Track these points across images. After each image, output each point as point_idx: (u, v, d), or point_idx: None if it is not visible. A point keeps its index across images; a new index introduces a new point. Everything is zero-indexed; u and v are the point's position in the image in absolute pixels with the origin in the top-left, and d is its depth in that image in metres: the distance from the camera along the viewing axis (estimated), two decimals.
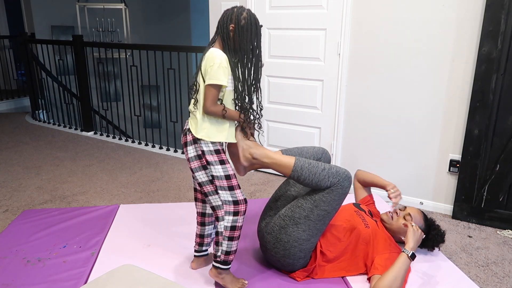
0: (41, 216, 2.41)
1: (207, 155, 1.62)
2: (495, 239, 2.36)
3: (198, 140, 1.61)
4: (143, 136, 4.32)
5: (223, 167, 1.64)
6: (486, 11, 2.29)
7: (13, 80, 6.75)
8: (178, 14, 6.42)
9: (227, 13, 1.61)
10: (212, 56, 1.57)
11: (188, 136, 1.65)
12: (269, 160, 1.74)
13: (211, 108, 1.58)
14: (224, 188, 1.64)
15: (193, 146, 1.64)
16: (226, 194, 1.65)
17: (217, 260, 1.70)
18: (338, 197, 1.71)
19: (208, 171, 1.64)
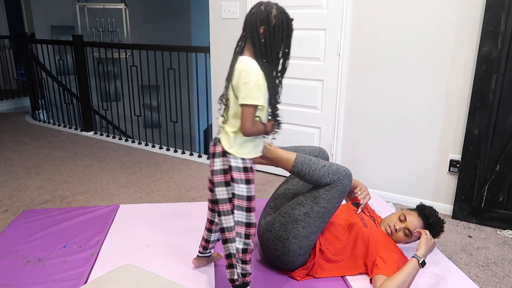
0: (41, 216, 2.41)
1: (234, 171, 1.50)
2: (495, 239, 2.36)
3: (228, 153, 1.49)
4: (143, 136, 4.32)
5: (247, 187, 1.53)
6: (486, 11, 2.29)
7: (13, 80, 6.75)
8: (178, 14, 6.42)
9: (254, 13, 1.41)
10: (246, 70, 1.40)
11: (218, 147, 1.52)
12: (271, 155, 1.74)
13: (252, 130, 1.43)
14: (242, 209, 1.54)
15: (221, 159, 1.52)
16: (242, 215, 1.54)
17: (236, 285, 1.59)
18: (338, 195, 1.71)
19: (230, 188, 1.53)
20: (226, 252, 1.59)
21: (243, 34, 1.46)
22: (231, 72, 1.47)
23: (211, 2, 3.24)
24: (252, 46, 1.43)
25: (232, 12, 3.15)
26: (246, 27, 1.44)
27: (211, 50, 3.36)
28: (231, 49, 3.17)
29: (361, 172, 2.90)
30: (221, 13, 3.21)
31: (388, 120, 2.77)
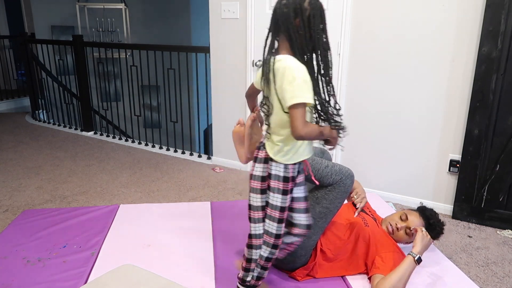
0: (41, 216, 2.41)
1: (272, 179, 1.43)
2: (495, 239, 2.35)
3: (271, 160, 1.42)
4: (143, 136, 4.32)
5: (283, 197, 1.44)
6: (486, 11, 2.29)
7: (13, 80, 6.74)
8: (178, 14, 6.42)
9: (285, 4, 1.29)
10: (290, 68, 1.29)
11: (261, 153, 1.46)
12: None
13: (304, 131, 1.28)
14: (274, 219, 1.47)
15: (262, 165, 1.45)
16: (272, 225, 1.48)
17: (246, 285, 1.58)
18: (340, 195, 1.72)
19: (264, 196, 1.47)
20: (248, 256, 1.55)
21: (274, 29, 1.34)
22: (268, 75, 1.34)
23: (211, 2, 3.24)
24: (288, 41, 1.31)
25: (232, 12, 3.15)
26: (278, 20, 1.31)
27: (211, 50, 3.36)
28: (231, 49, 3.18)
29: (361, 172, 2.90)
30: (221, 13, 3.21)
31: (388, 120, 2.77)
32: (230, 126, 3.42)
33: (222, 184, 3.13)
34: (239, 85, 3.29)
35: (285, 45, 1.33)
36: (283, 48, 1.33)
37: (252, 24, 3.10)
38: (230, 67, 3.30)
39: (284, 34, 1.31)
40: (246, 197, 2.86)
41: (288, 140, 1.38)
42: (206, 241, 2.15)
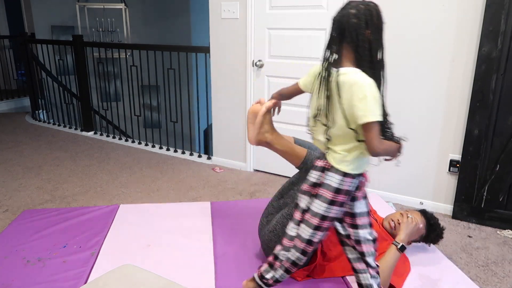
0: (41, 216, 2.41)
1: (323, 188, 1.40)
2: (495, 239, 2.36)
3: (327, 171, 1.39)
4: (143, 136, 4.32)
5: (328, 207, 1.39)
6: (486, 11, 2.29)
7: (13, 80, 6.75)
8: (178, 14, 6.42)
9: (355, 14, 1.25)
10: (359, 84, 1.24)
11: (320, 162, 1.43)
12: (282, 147, 1.74)
13: (381, 148, 1.29)
14: (310, 225, 1.44)
15: (318, 173, 1.43)
16: (307, 231, 1.45)
17: (264, 282, 1.56)
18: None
19: (309, 202, 1.45)
20: (276, 253, 1.54)
21: (339, 40, 1.29)
22: (330, 87, 1.30)
23: (211, 2, 3.24)
24: (354, 52, 1.27)
25: (232, 12, 3.15)
26: (345, 31, 1.26)
27: (211, 50, 3.36)
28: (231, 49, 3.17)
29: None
30: (221, 13, 3.21)
31: None
32: (230, 126, 3.43)
33: (222, 184, 3.13)
34: (239, 85, 3.29)
35: (349, 57, 1.29)
36: (346, 59, 1.29)
37: (252, 24, 3.11)
38: (230, 67, 3.30)
39: (350, 45, 1.27)
40: (246, 197, 2.87)
41: (353, 150, 1.35)
42: (206, 241, 2.15)
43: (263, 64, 3.15)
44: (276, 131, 1.77)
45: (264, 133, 1.72)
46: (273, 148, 1.76)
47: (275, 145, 1.73)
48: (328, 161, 1.39)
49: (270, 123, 1.74)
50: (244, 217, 2.44)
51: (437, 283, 1.83)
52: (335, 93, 1.29)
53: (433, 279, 1.86)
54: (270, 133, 1.73)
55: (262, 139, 1.73)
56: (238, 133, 3.41)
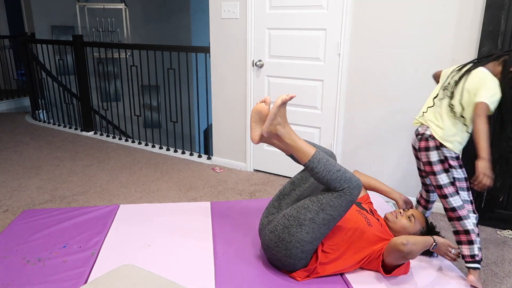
0: (41, 216, 2.41)
1: (451, 160, 1.85)
2: (495, 239, 2.35)
3: (442, 147, 1.84)
4: (143, 136, 4.32)
5: (462, 171, 1.86)
6: (486, 11, 2.29)
7: (13, 80, 6.75)
8: (178, 14, 6.42)
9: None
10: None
11: (431, 142, 1.86)
12: (291, 142, 1.74)
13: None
14: (464, 189, 1.85)
15: (436, 152, 1.85)
16: (465, 194, 1.85)
17: (476, 260, 1.78)
18: (346, 204, 1.70)
19: (450, 174, 1.84)
20: (464, 228, 1.82)
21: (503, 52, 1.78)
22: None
23: (211, 2, 3.24)
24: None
25: (232, 12, 3.15)
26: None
27: (211, 50, 3.36)
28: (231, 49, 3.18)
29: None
30: (221, 13, 3.21)
31: (388, 120, 2.77)
32: (230, 126, 3.43)
33: (222, 184, 3.13)
34: (239, 85, 3.29)
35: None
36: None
37: (252, 24, 3.11)
38: (230, 67, 3.30)
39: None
40: (246, 197, 2.87)
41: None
42: (206, 241, 2.15)
43: (263, 64, 3.15)
44: (289, 125, 1.77)
45: (276, 125, 1.73)
46: (282, 142, 1.76)
47: (285, 139, 1.74)
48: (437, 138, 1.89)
49: (283, 117, 1.75)
50: (244, 217, 2.44)
51: (437, 283, 1.83)
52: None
53: (433, 279, 1.86)
54: (282, 126, 1.74)
55: (273, 131, 1.74)
56: (238, 133, 3.41)
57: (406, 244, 1.63)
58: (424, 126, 1.93)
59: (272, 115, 1.71)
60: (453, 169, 1.85)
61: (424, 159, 1.90)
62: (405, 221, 1.95)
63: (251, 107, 3.27)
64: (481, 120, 1.71)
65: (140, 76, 4.01)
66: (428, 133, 1.89)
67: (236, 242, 2.15)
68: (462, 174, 1.88)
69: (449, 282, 1.85)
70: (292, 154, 1.95)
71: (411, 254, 1.65)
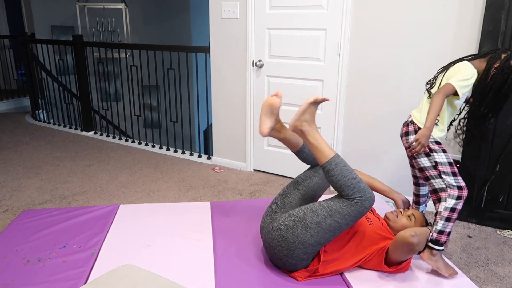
0: (41, 216, 2.41)
1: (431, 144, 1.88)
2: (495, 239, 2.36)
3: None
4: (143, 136, 4.32)
5: (445, 155, 1.89)
6: (486, 11, 2.29)
7: (13, 80, 6.75)
8: (178, 14, 6.42)
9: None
10: None
11: (410, 127, 1.94)
12: (314, 141, 1.76)
13: None
14: (448, 174, 1.87)
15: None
16: (450, 179, 1.87)
17: (429, 239, 1.85)
18: (354, 214, 1.70)
19: (431, 158, 1.88)
20: (436, 210, 1.89)
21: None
22: None
23: (211, 2, 3.24)
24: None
25: (232, 12, 3.15)
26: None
27: (211, 50, 3.36)
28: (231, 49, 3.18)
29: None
30: (221, 13, 3.21)
31: (388, 120, 2.77)
32: (230, 126, 3.43)
33: (222, 184, 3.13)
34: (239, 85, 3.29)
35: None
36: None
37: (252, 24, 3.11)
38: (230, 67, 3.30)
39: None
40: (246, 197, 2.87)
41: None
42: (206, 241, 2.15)
43: (263, 64, 3.15)
44: (315, 124, 1.80)
45: (303, 121, 1.76)
46: (305, 139, 1.79)
47: (309, 136, 1.76)
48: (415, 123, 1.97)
49: (312, 115, 1.78)
50: (244, 217, 2.44)
51: (437, 283, 1.83)
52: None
53: (433, 279, 1.86)
54: (308, 124, 1.77)
55: (298, 126, 1.76)
56: (238, 133, 3.41)
57: (415, 236, 1.65)
58: (409, 115, 2.03)
59: (302, 110, 1.75)
60: (434, 153, 1.88)
61: (405, 144, 1.99)
62: (405, 220, 1.96)
63: (251, 107, 3.27)
64: (438, 96, 1.79)
65: (140, 76, 4.01)
66: (410, 119, 1.99)
67: (236, 242, 2.15)
68: (445, 158, 1.89)
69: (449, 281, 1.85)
70: (298, 151, 2.00)
71: (419, 245, 1.68)
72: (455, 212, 1.85)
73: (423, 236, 1.71)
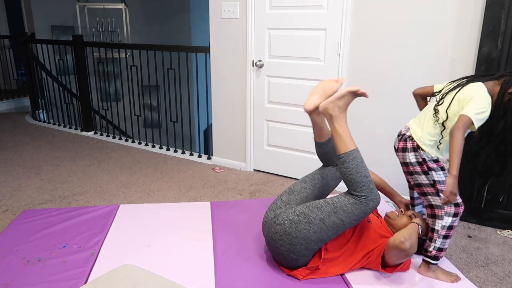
0: (41, 216, 2.41)
1: (429, 163, 1.81)
2: (495, 239, 2.36)
3: (420, 150, 1.81)
4: (143, 136, 4.32)
5: (443, 173, 1.81)
6: (486, 11, 2.29)
7: (13, 80, 6.75)
8: (178, 14, 6.42)
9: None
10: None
11: (409, 143, 1.85)
12: (340, 129, 1.76)
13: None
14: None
15: (413, 154, 1.83)
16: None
17: (427, 255, 1.84)
18: (358, 213, 1.71)
19: (429, 177, 1.80)
20: (432, 227, 1.84)
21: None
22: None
23: (211, 2, 3.24)
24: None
25: (232, 12, 3.15)
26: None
27: (211, 50, 3.36)
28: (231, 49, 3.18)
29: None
30: (221, 13, 3.21)
31: (389, 120, 2.77)
32: (230, 126, 3.43)
33: (222, 184, 3.13)
34: (239, 85, 3.29)
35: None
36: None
37: (252, 24, 3.11)
38: (230, 67, 3.30)
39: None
40: (246, 197, 2.87)
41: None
42: (206, 241, 2.15)
43: (263, 64, 3.15)
44: (345, 114, 1.79)
45: (335, 107, 1.76)
46: (331, 124, 1.79)
47: (336, 123, 1.76)
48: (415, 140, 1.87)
49: (346, 104, 1.78)
50: (244, 217, 2.44)
51: (437, 283, 1.83)
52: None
53: (433, 279, 1.86)
54: (339, 111, 1.77)
55: (330, 110, 1.76)
56: (238, 133, 3.41)
57: (405, 241, 1.65)
58: (406, 127, 1.94)
59: (339, 96, 1.75)
60: (432, 172, 1.81)
61: (401, 160, 1.90)
62: (406, 220, 1.96)
63: (251, 107, 3.27)
64: (459, 133, 1.68)
65: (140, 76, 4.00)
66: (408, 134, 1.89)
67: (236, 242, 2.15)
68: (443, 176, 1.81)
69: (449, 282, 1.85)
70: (322, 143, 1.99)
71: (412, 248, 1.68)
72: (452, 229, 1.82)
73: (413, 236, 1.71)
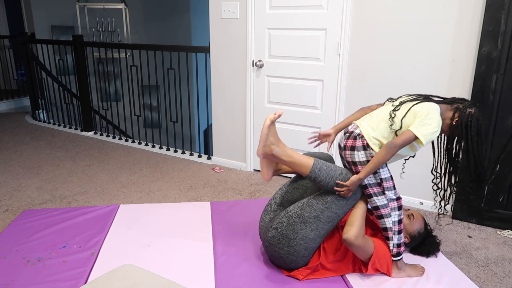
0: (41, 216, 2.41)
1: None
2: (495, 239, 2.36)
3: (369, 148, 1.76)
4: (143, 136, 4.32)
5: (387, 169, 1.82)
6: (486, 11, 2.29)
7: (13, 80, 6.75)
8: (178, 14, 6.42)
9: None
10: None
11: (358, 142, 1.77)
12: (288, 159, 1.75)
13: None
14: (390, 188, 1.81)
15: (364, 152, 1.77)
16: (391, 193, 1.81)
17: (392, 254, 1.83)
18: (350, 202, 1.74)
19: (377, 175, 1.79)
20: (383, 226, 1.83)
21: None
22: None
23: (211, 2, 3.24)
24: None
25: (232, 12, 3.15)
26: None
27: (211, 50, 3.36)
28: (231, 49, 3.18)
29: None
30: (221, 13, 3.21)
31: None
32: (230, 126, 3.43)
33: (222, 184, 3.13)
34: (239, 85, 3.29)
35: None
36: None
37: (252, 24, 3.11)
38: (230, 67, 3.30)
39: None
40: (246, 197, 2.87)
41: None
42: (206, 241, 2.15)
43: (263, 64, 3.15)
44: (282, 142, 1.79)
45: (270, 145, 1.75)
46: (279, 160, 1.78)
47: (282, 156, 1.76)
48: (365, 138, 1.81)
49: (275, 135, 1.77)
50: (244, 217, 2.44)
51: (437, 283, 1.83)
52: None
53: (433, 279, 1.86)
54: (276, 145, 1.76)
55: (268, 152, 1.76)
56: (238, 133, 3.41)
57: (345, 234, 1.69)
58: (354, 125, 1.84)
59: (264, 136, 1.73)
60: (380, 169, 1.78)
61: (348, 158, 1.80)
62: (405, 220, 1.96)
63: (251, 107, 3.27)
64: (390, 150, 1.67)
65: (140, 76, 4.01)
66: (357, 131, 1.80)
67: (236, 242, 2.15)
68: (388, 173, 1.82)
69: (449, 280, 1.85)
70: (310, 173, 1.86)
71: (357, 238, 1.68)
72: (401, 222, 1.84)
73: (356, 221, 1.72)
